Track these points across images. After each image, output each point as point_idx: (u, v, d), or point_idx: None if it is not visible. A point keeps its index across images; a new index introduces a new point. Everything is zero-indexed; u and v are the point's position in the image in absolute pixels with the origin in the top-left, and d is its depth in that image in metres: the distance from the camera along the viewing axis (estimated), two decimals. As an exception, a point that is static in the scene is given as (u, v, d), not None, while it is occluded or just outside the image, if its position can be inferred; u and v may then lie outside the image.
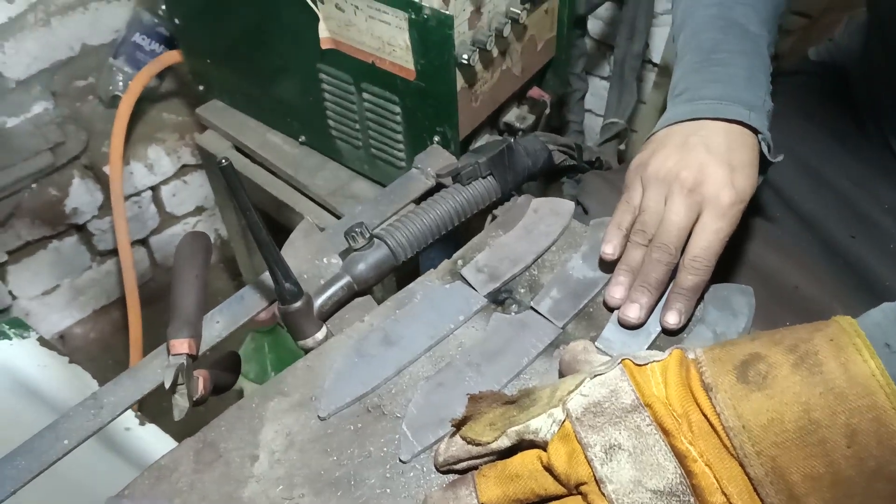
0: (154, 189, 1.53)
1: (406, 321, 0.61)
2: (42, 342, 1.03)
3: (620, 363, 0.45)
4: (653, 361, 0.45)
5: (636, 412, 0.42)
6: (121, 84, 1.35)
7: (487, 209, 0.74)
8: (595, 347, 0.53)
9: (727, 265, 0.67)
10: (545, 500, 0.44)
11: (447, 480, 0.49)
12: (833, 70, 0.84)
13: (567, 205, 0.71)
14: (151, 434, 0.94)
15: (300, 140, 1.14)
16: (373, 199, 0.76)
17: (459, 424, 0.48)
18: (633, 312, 0.59)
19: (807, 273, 0.69)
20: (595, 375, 0.45)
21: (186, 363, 0.58)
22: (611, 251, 0.62)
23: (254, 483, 0.51)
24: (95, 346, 1.59)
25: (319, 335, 0.62)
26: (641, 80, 1.43)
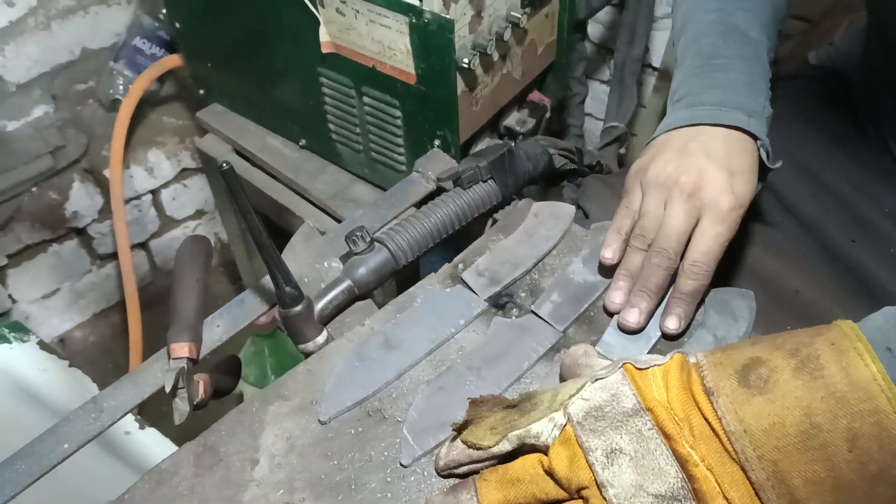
0: (154, 193, 1.53)
1: (407, 325, 0.61)
2: (42, 346, 1.02)
3: (622, 367, 0.45)
4: (654, 365, 0.45)
5: (637, 416, 0.42)
6: (121, 88, 1.35)
7: (488, 213, 0.74)
8: (596, 351, 0.53)
9: (727, 269, 0.67)
10: (546, 505, 0.44)
11: (448, 485, 0.49)
12: (833, 74, 0.84)
13: (567, 208, 0.71)
14: (152, 438, 0.93)
15: (300, 144, 1.14)
16: (373, 203, 0.76)
17: (460, 428, 0.48)
18: (633, 317, 0.59)
19: (807, 277, 0.69)
20: (596, 379, 0.45)
21: (187, 367, 0.58)
22: (610, 256, 0.62)
23: (254, 487, 0.51)
24: (95, 350, 1.58)
25: (320, 339, 0.62)
26: (641, 84, 1.44)
